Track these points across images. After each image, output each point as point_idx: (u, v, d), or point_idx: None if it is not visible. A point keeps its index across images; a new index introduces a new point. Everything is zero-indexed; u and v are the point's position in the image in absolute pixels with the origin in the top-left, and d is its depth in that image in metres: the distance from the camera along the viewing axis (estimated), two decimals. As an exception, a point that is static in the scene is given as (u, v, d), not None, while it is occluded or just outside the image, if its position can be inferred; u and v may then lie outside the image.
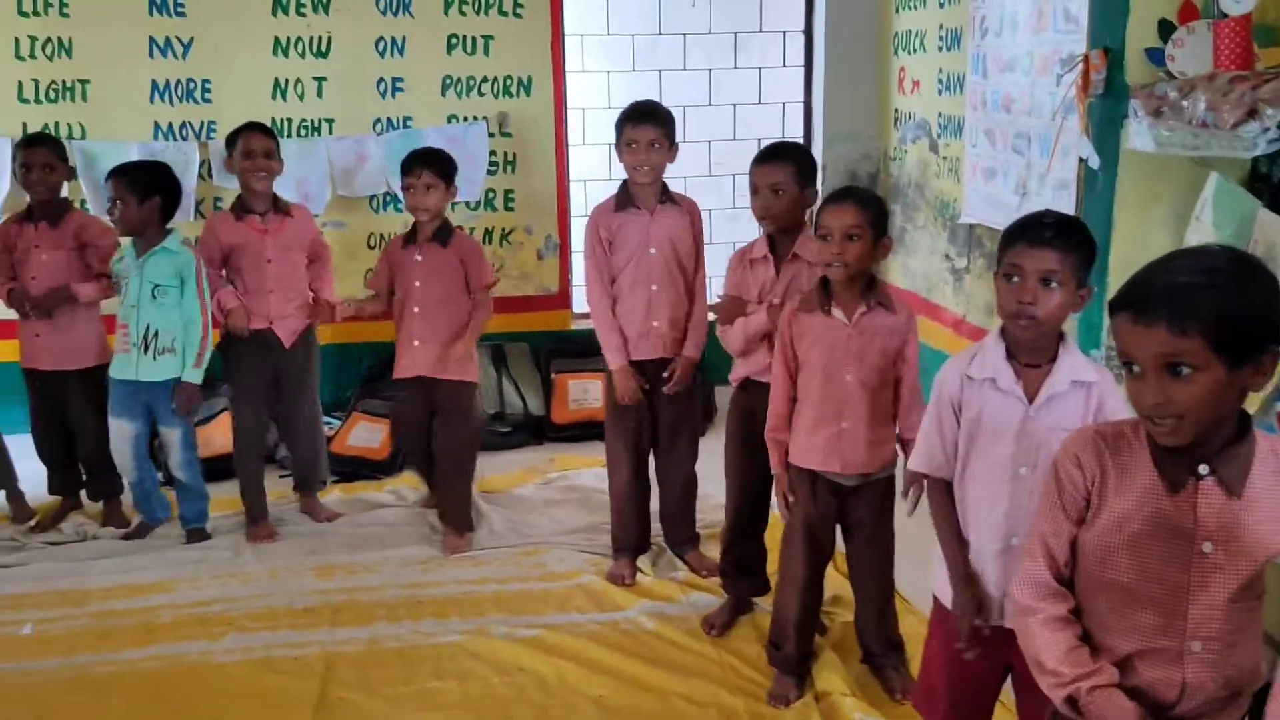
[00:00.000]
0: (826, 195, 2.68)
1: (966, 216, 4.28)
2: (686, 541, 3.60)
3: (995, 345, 2.04)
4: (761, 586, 3.25)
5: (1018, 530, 2.02)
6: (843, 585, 3.12)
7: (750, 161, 3.01)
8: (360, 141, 4.82)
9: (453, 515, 3.82)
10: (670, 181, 3.43)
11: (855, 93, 5.16)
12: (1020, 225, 1.99)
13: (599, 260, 3.39)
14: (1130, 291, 1.51)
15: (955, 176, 4.40)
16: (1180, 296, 1.44)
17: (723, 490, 3.24)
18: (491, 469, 4.45)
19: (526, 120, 4.98)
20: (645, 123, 3.28)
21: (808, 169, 2.97)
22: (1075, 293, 1.96)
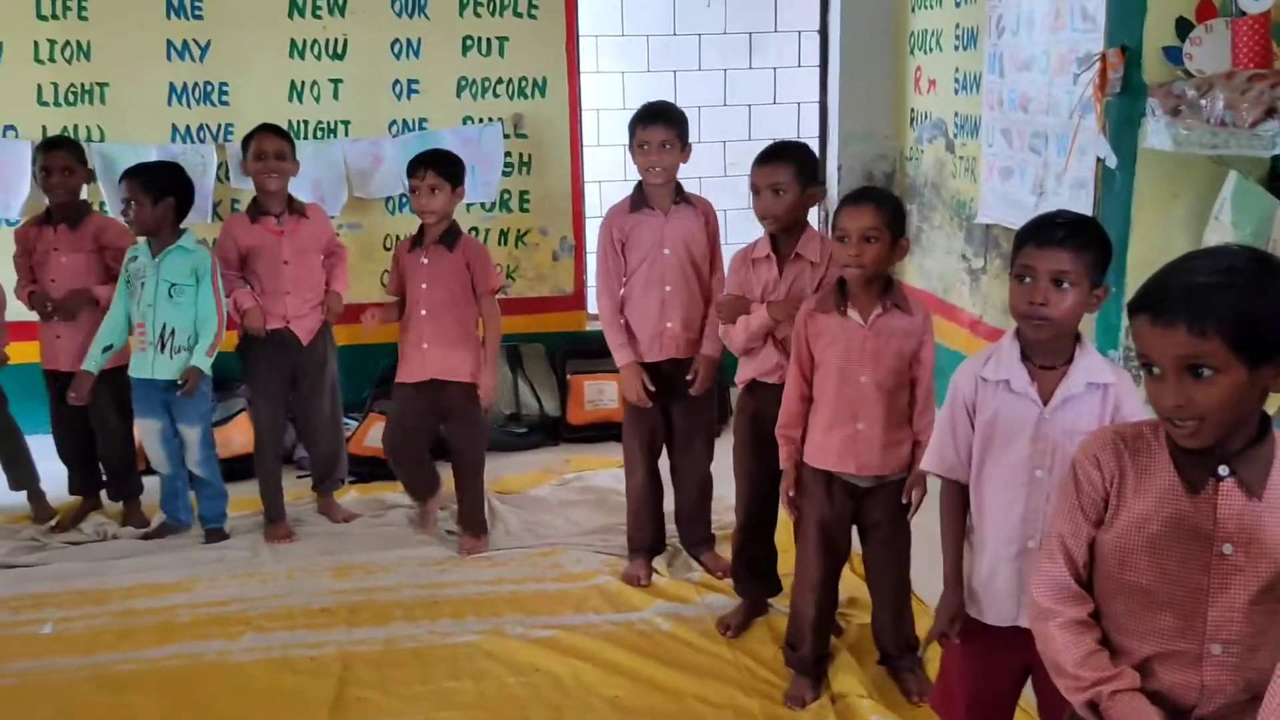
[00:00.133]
0: (844, 196, 2.67)
1: (983, 216, 4.27)
2: (702, 542, 3.60)
3: (1010, 347, 2.03)
4: (773, 588, 3.25)
5: (1034, 533, 2.01)
6: (859, 587, 3.11)
7: (751, 162, 3.00)
8: (376, 143, 4.84)
9: (469, 517, 3.82)
10: (685, 182, 3.43)
11: (871, 92, 5.15)
12: (1032, 225, 1.98)
13: (610, 261, 3.39)
14: (1149, 292, 1.50)
15: (972, 176, 4.39)
16: (1199, 297, 1.43)
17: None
18: (507, 470, 4.47)
19: (541, 121, 4.99)
20: (656, 124, 3.27)
21: (809, 168, 2.96)
22: (1089, 293, 1.95)
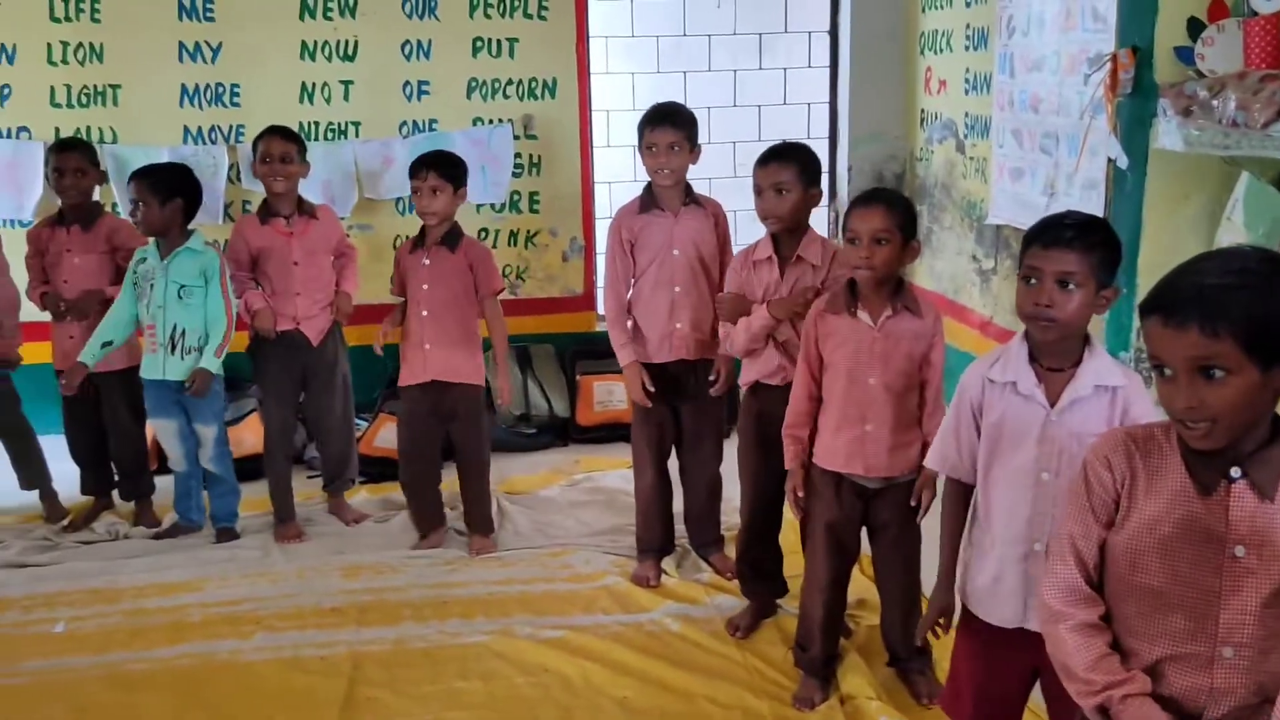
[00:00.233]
0: (854, 197, 2.67)
1: (993, 217, 4.26)
2: (711, 543, 3.60)
3: (1019, 348, 2.03)
4: (779, 589, 3.25)
5: (1040, 536, 2.01)
6: (868, 588, 3.11)
7: (755, 161, 2.99)
8: (386, 144, 4.85)
9: (478, 518, 3.82)
10: (694, 183, 3.43)
11: (881, 93, 5.14)
12: (1039, 226, 1.98)
13: (619, 261, 3.39)
14: (1160, 293, 1.49)
15: (982, 177, 4.38)
16: (1211, 298, 1.43)
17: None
18: (517, 470, 4.48)
19: (551, 122, 4.99)
20: (664, 125, 3.27)
21: (812, 169, 2.96)
22: (1097, 294, 1.94)
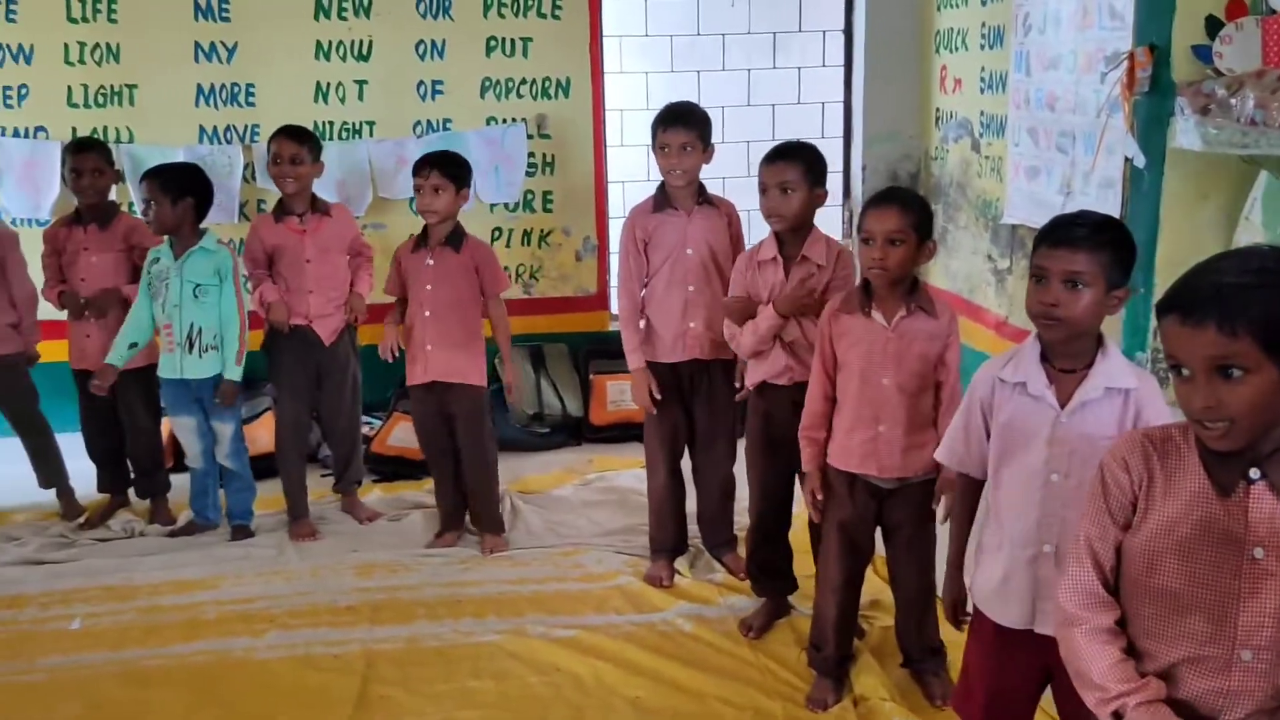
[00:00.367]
0: (869, 197, 2.66)
1: (1009, 216, 4.24)
2: (724, 543, 3.59)
3: (1031, 349, 2.01)
4: (789, 587, 3.24)
5: (1050, 537, 1.99)
6: (882, 589, 3.09)
7: (760, 160, 2.98)
8: (400, 144, 4.85)
9: (486, 518, 3.83)
10: (708, 182, 3.42)
11: (896, 92, 5.12)
12: (1049, 226, 1.97)
13: (632, 261, 3.39)
14: (1178, 293, 1.48)
15: (998, 176, 4.36)
16: (1229, 297, 1.42)
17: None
18: (530, 470, 4.48)
19: (565, 122, 4.99)
20: (677, 126, 3.27)
21: (817, 168, 2.95)
22: (1107, 294, 1.92)
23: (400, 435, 4.51)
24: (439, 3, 4.82)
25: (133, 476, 4.14)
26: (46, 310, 4.04)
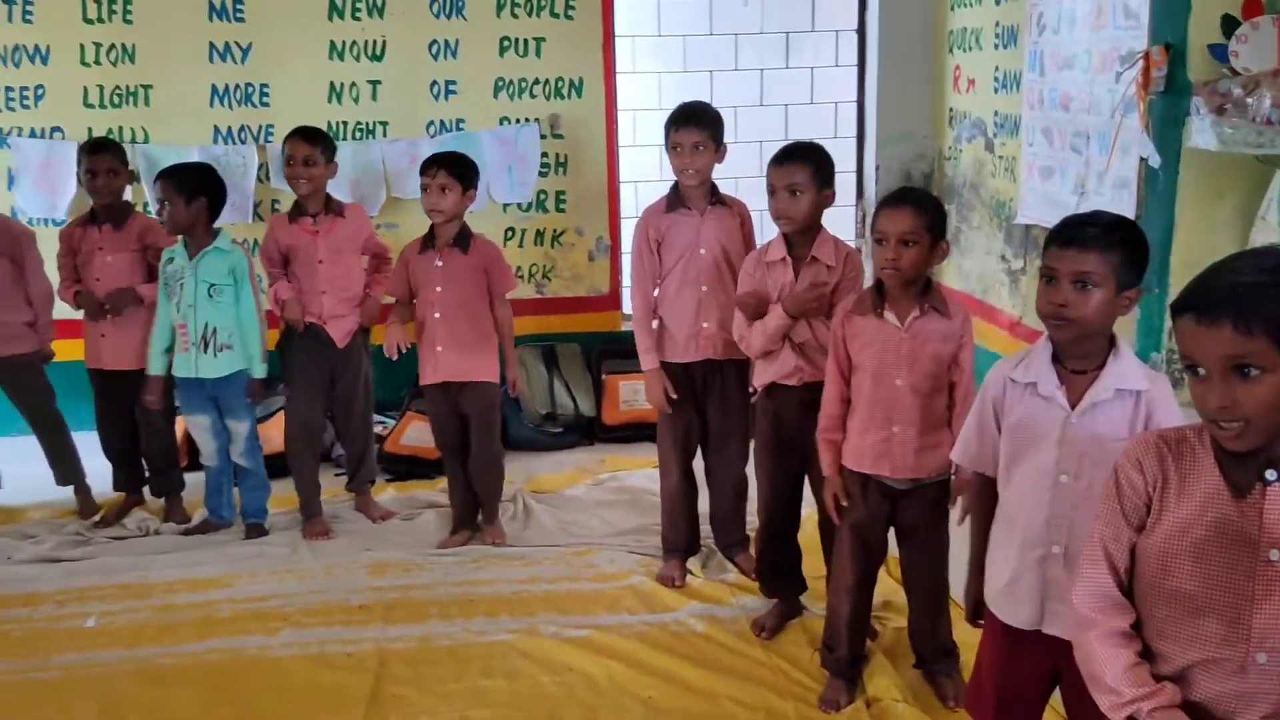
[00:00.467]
0: (882, 198, 2.65)
1: (1023, 217, 4.22)
2: (737, 544, 3.59)
3: (1043, 349, 2.01)
4: (799, 587, 3.24)
5: (1059, 539, 1.99)
6: (895, 590, 3.09)
7: (768, 161, 2.98)
8: (414, 144, 4.86)
9: (490, 511, 3.88)
10: (720, 182, 3.42)
11: (909, 92, 5.11)
12: (1059, 226, 1.96)
13: (645, 261, 3.39)
14: (1193, 292, 1.48)
15: (1011, 176, 4.34)
16: (1245, 296, 1.41)
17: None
18: (542, 469, 4.49)
19: (578, 122, 5.00)
20: (689, 125, 3.27)
21: (826, 169, 2.95)
22: (1117, 295, 1.91)
23: (413, 435, 4.52)
24: (452, 3, 4.83)
25: (148, 475, 4.15)
26: (61, 310, 4.06)
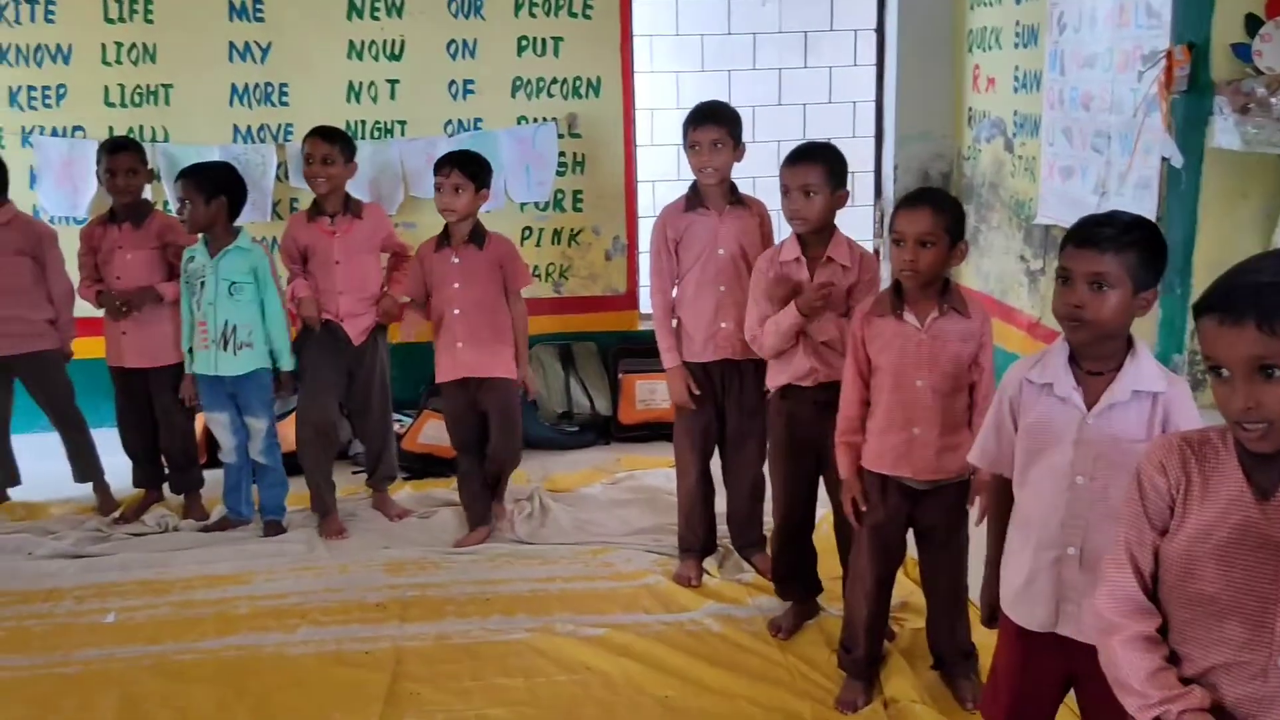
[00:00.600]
0: (900, 198, 2.64)
1: (1042, 217, 4.20)
2: (753, 544, 3.58)
3: (1060, 350, 1.99)
4: (814, 588, 3.23)
5: (1074, 540, 1.97)
6: (914, 591, 3.08)
7: (781, 162, 2.97)
8: (432, 143, 4.87)
9: (500, 496, 3.96)
10: (739, 182, 3.42)
11: (928, 91, 5.09)
12: (1075, 227, 1.95)
13: (663, 260, 3.39)
14: (1216, 293, 1.47)
15: (1031, 176, 4.32)
16: (1269, 296, 1.40)
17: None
18: (559, 468, 4.50)
19: (596, 121, 5.00)
20: (707, 124, 3.27)
21: (839, 169, 2.94)
22: (1134, 296, 1.89)
23: (430, 433, 4.54)
24: (470, 3, 4.84)
25: (168, 472, 4.18)
26: (82, 308, 4.09)
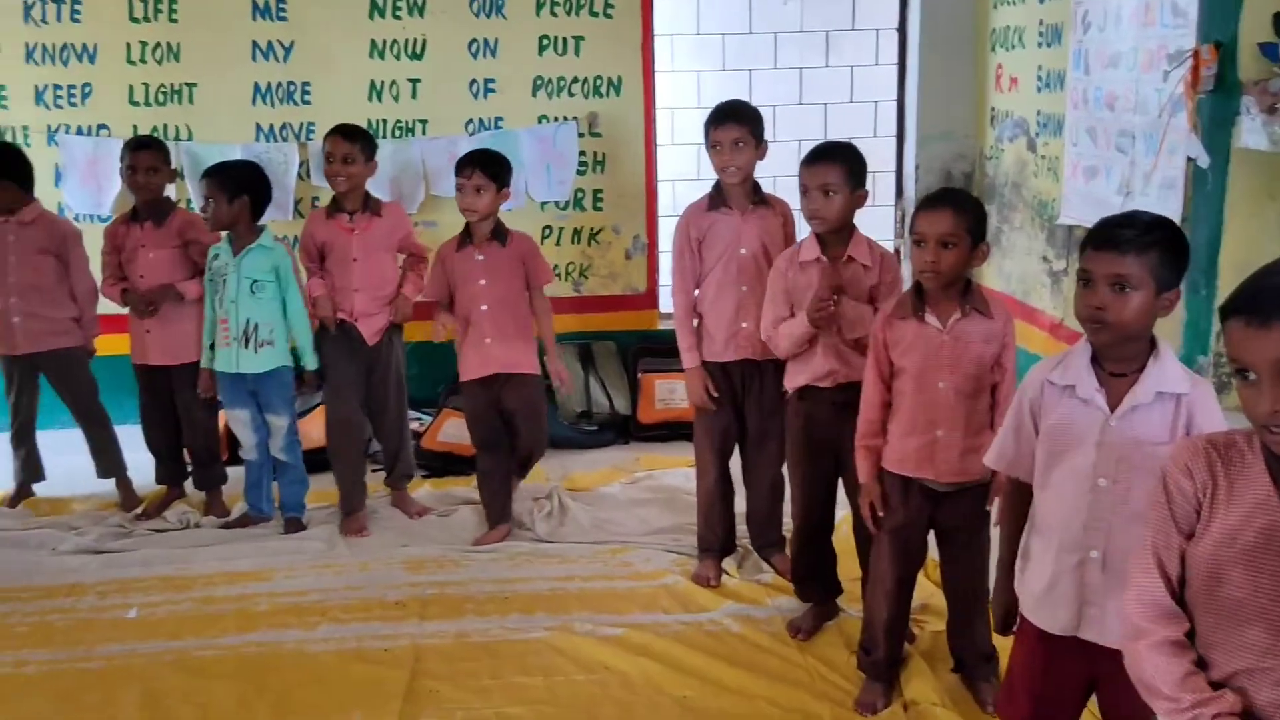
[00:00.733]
0: (922, 199, 2.63)
1: (1065, 217, 4.17)
2: (773, 544, 3.58)
3: (1082, 351, 1.98)
4: (834, 589, 3.22)
5: (1096, 543, 1.96)
6: (934, 594, 3.06)
7: (800, 161, 2.96)
8: (453, 142, 4.88)
9: (526, 474, 4.05)
10: (760, 181, 3.41)
11: (950, 91, 5.05)
12: (1096, 228, 1.93)
13: (686, 259, 3.39)
14: (1243, 295, 1.45)
15: (1054, 176, 4.29)
16: (1297, 298, 1.38)
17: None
18: (578, 467, 4.50)
19: (616, 120, 5.00)
20: (728, 123, 3.26)
21: (858, 169, 2.93)
22: (1157, 297, 1.87)
23: (450, 431, 4.55)
24: (492, 2, 4.85)
25: (190, 469, 4.21)
26: (105, 305, 4.13)
